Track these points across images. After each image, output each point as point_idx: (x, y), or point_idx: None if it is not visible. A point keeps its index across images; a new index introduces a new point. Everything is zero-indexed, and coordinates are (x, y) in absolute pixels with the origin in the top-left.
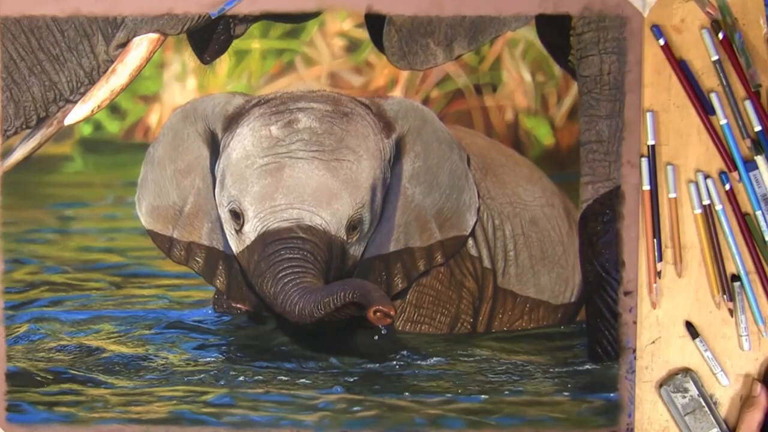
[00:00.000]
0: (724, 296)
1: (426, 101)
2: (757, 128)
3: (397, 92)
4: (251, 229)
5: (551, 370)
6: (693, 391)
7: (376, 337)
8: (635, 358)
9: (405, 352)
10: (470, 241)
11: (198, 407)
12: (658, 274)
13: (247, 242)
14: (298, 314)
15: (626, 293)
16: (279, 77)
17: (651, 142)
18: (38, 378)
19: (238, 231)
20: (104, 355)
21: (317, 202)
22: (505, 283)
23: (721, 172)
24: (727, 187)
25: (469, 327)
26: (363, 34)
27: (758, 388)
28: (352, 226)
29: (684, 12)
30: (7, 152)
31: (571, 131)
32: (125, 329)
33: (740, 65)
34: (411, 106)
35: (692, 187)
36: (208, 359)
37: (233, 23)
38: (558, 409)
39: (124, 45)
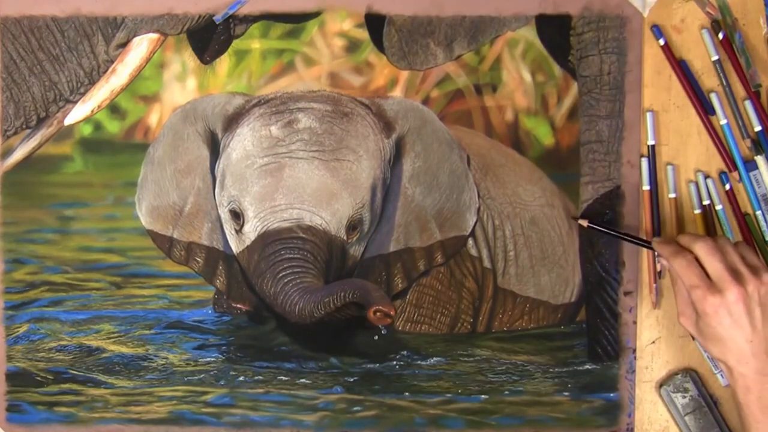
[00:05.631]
0: None
1: (426, 101)
2: (757, 128)
3: (397, 92)
4: (251, 229)
5: (551, 370)
6: (693, 391)
7: (376, 337)
8: (635, 358)
9: (405, 352)
10: (470, 241)
11: (198, 407)
12: (658, 274)
13: (247, 242)
14: (298, 314)
15: (626, 293)
16: (279, 77)
17: (651, 142)
18: (38, 378)
19: (238, 231)
20: (104, 355)
21: (317, 202)
22: (505, 283)
23: (721, 172)
24: (727, 187)
25: (469, 327)
26: (363, 34)
27: (663, 261)
28: (352, 226)
29: (684, 12)
30: (7, 152)
31: (571, 131)
32: (125, 329)
33: (740, 65)
34: (411, 106)
35: (692, 187)
36: (208, 359)
37: (233, 23)
38: (558, 409)
39: (124, 45)
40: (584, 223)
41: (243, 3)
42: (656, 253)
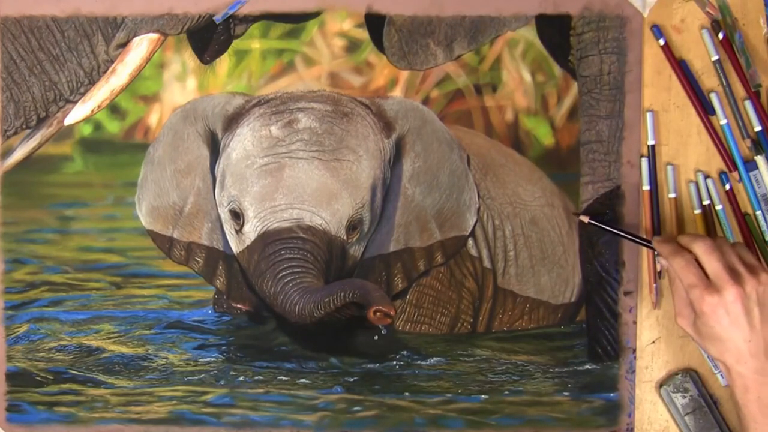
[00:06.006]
0: None
1: (426, 101)
2: (757, 128)
3: (397, 92)
4: (251, 229)
5: (551, 370)
6: (693, 391)
7: (376, 337)
8: (635, 358)
9: (405, 352)
10: (470, 241)
11: (198, 407)
12: (658, 274)
13: (247, 242)
14: (298, 314)
15: (626, 293)
16: (279, 77)
17: (651, 142)
18: (38, 378)
19: (238, 231)
20: (104, 355)
21: (317, 202)
22: (505, 283)
23: (721, 172)
24: (727, 187)
25: (469, 327)
26: (363, 34)
27: (662, 260)
28: (352, 226)
29: (684, 12)
30: (7, 152)
31: (571, 131)
32: (125, 329)
33: (740, 65)
34: (411, 106)
35: (692, 187)
36: (208, 359)
37: (233, 23)
38: (558, 409)
39: (124, 45)
40: (585, 219)
41: (243, 3)
42: (656, 252)
